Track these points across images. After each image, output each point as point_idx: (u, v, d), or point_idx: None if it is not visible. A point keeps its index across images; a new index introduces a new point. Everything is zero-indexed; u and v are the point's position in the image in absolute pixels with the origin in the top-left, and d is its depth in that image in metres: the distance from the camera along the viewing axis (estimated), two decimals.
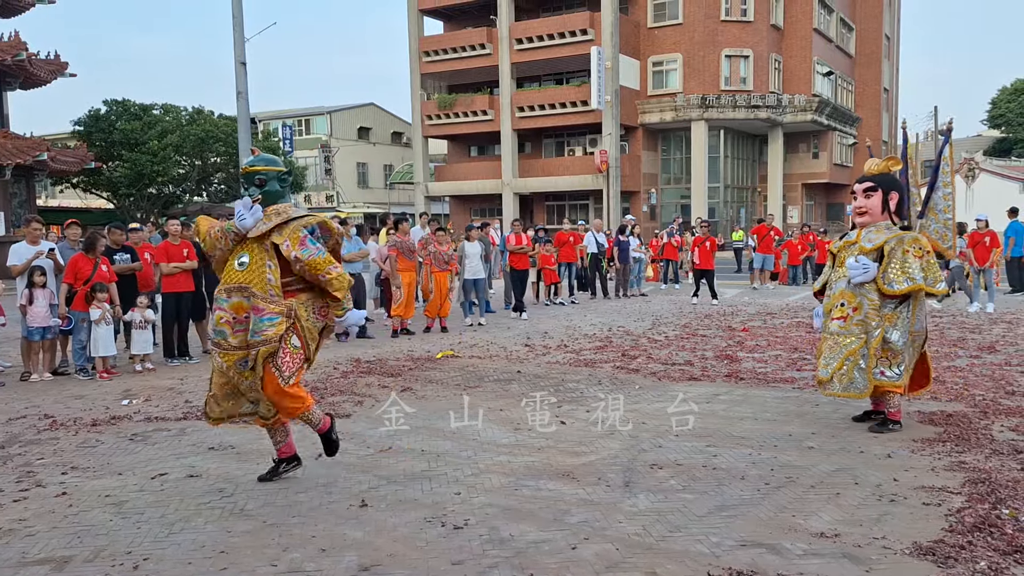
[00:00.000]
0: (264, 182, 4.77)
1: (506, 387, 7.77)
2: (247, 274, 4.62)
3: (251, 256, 4.64)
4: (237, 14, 17.51)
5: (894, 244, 5.69)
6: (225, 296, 4.64)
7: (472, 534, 4.04)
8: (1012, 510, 4.17)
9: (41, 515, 4.41)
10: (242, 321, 4.58)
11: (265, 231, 4.64)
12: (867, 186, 5.89)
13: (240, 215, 4.63)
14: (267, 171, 4.79)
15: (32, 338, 8.62)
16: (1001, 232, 17.75)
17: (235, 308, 4.60)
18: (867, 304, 5.75)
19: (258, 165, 4.82)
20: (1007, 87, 58.14)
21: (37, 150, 24.13)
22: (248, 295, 4.59)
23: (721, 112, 37.41)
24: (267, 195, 4.76)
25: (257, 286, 4.58)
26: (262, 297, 4.57)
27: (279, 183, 4.85)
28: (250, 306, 4.57)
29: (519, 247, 13.92)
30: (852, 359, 5.77)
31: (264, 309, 4.56)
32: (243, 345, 4.57)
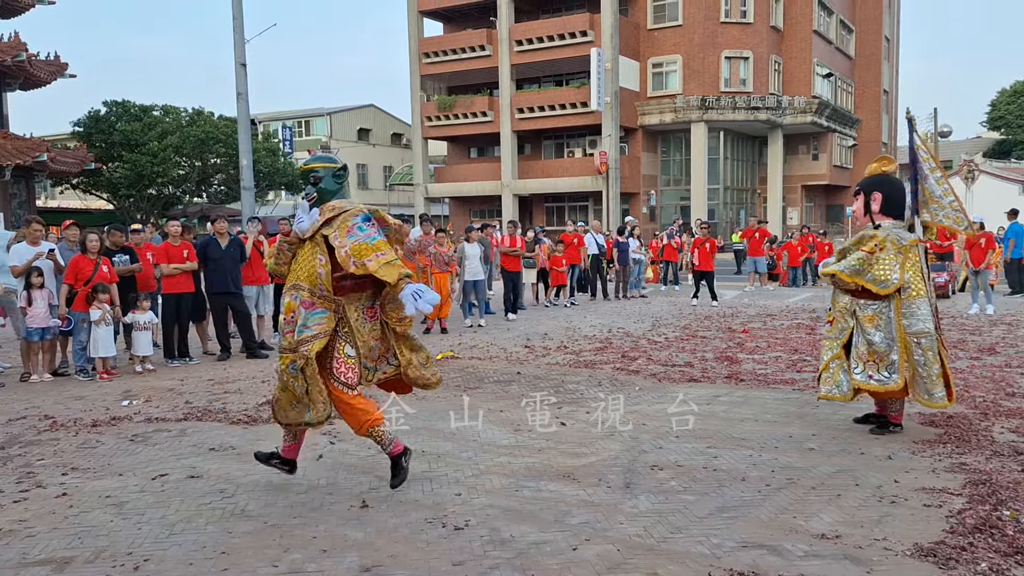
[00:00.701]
0: (319, 180, 4.72)
1: (506, 388, 7.77)
2: (297, 270, 4.62)
3: (302, 252, 4.64)
4: (237, 15, 17.53)
5: (855, 240, 5.92)
6: (285, 296, 4.66)
7: (473, 535, 4.04)
8: (1013, 511, 4.17)
9: (41, 516, 4.41)
10: (290, 322, 4.54)
11: (317, 226, 4.60)
12: (854, 191, 6.21)
13: (299, 219, 4.65)
14: (320, 168, 4.76)
15: (31, 339, 8.62)
16: (1001, 234, 17.80)
17: (287, 308, 4.58)
18: (836, 307, 6.00)
19: (314, 163, 4.80)
20: (1006, 89, 58.19)
21: (37, 151, 24.12)
22: (297, 290, 4.56)
23: (721, 114, 37.43)
24: (322, 192, 4.73)
25: (306, 280, 4.54)
26: (310, 291, 4.52)
27: (334, 180, 4.79)
28: (298, 303, 4.53)
29: (511, 249, 13.87)
30: (837, 361, 5.91)
31: (313, 304, 4.51)
32: (291, 347, 4.49)
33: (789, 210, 42.62)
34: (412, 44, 41.23)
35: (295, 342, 4.48)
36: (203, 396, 7.61)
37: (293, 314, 4.54)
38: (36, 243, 9.24)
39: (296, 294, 4.56)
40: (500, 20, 38.69)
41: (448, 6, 40.76)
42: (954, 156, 53.19)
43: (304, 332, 4.47)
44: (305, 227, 4.62)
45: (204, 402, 7.32)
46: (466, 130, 41.19)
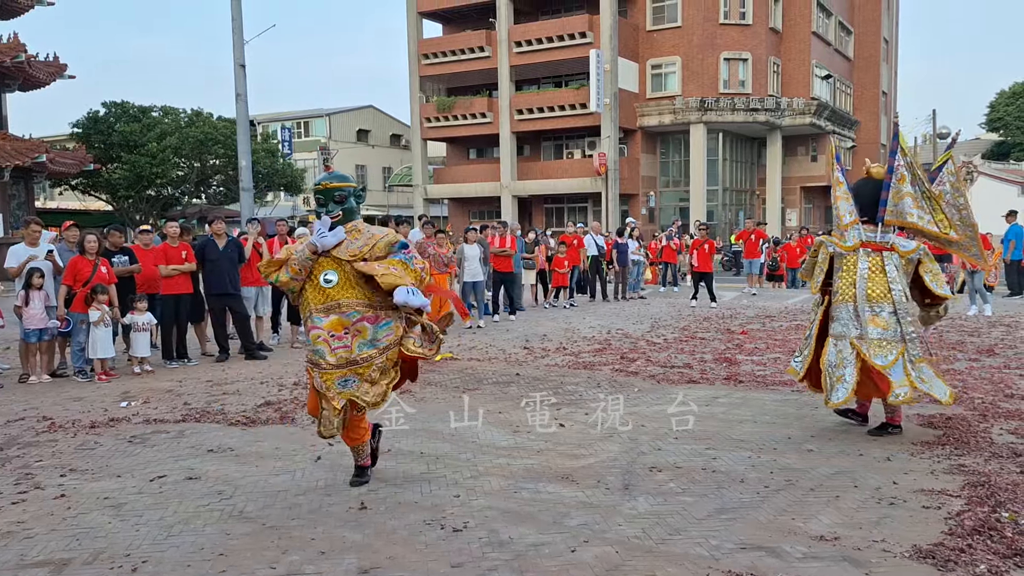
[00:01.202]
0: (344, 199, 4.71)
1: (505, 389, 7.76)
2: (341, 290, 4.58)
3: (339, 273, 4.60)
4: (236, 16, 17.54)
5: None
6: (323, 315, 4.59)
7: (471, 536, 4.03)
8: (1012, 513, 4.17)
9: (40, 517, 4.40)
10: (341, 338, 4.55)
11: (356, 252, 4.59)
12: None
13: (321, 233, 4.59)
14: (346, 187, 4.74)
15: (29, 340, 8.62)
16: (999, 236, 17.80)
17: (332, 326, 4.56)
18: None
19: (335, 182, 4.75)
20: (1005, 90, 58.20)
21: (36, 152, 24.13)
22: (352, 308, 4.56)
23: (720, 115, 37.44)
24: (347, 212, 4.73)
25: (359, 296, 4.58)
26: (368, 305, 4.58)
27: (355, 199, 4.80)
28: (355, 319, 4.55)
29: (501, 249, 13.76)
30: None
31: (379, 316, 4.59)
32: (344, 363, 4.53)
33: (788, 211, 42.63)
34: (411, 45, 41.22)
35: (356, 357, 4.53)
36: (201, 397, 7.60)
37: (347, 329, 4.54)
38: (35, 244, 9.24)
39: (353, 311, 4.56)
40: (499, 21, 38.69)
41: (447, 7, 40.75)
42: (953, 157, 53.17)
43: (374, 346, 4.57)
44: (330, 243, 4.59)
45: (202, 403, 7.31)
46: (465, 131, 41.18)
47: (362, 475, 4.94)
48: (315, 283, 4.63)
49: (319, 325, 4.58)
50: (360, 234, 4.70)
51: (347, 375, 4.53)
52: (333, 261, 4.62)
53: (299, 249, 4.72)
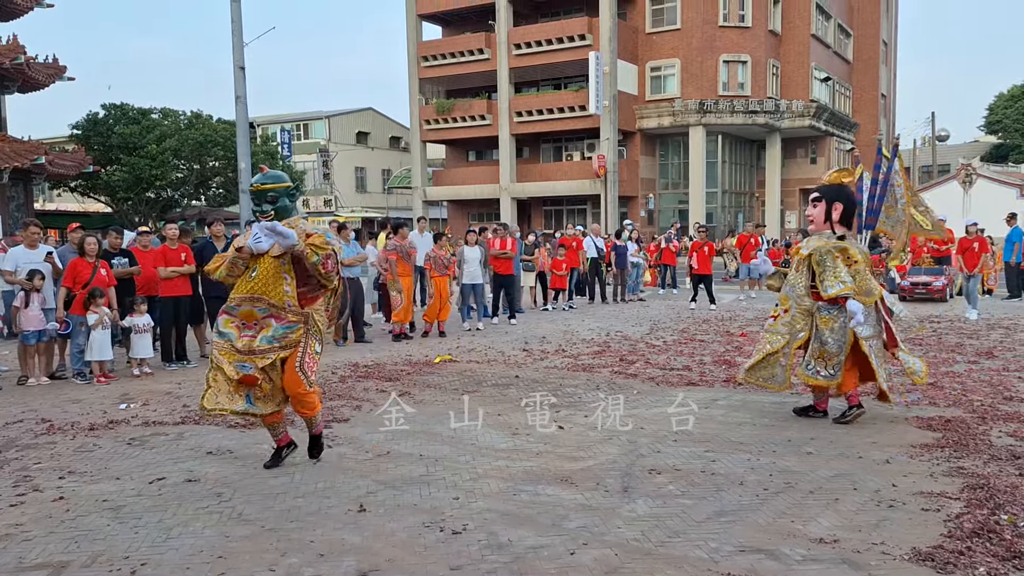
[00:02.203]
0: (276, 199, 5.08)
1: (504, 392, 7.76)
2: (260, 285, 4.98)
3: (261, 268, 4.99)
4: (236, 19, 17.54)
5: (823, 254, 6.17)
6: (236, 304, 5.03)
7: (470, 539, 4.03)
8: (1010, 516, 4.17)
9: (38, 520, 4.40)
10: (250, 327, 4.95)
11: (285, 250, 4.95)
12: (814, 196, 6.44)
13: (257, 238, 4.93)
14: (277, 188, 5.08)
15: (28, 341, 8.61)
16: (1001, 238, 17.82)
17: (245, 315, 4.99)
18: (795, 307, 6.29)
19: (268, 183, 5.09)
20: (1004, 93, 58.29)
21: (35, 154, 24.10)
22: (263, 304, 4.97)
23: (719, 117, 37.48)
24: (279, 211, 5.08)
25: (274, 297, 4.99)
26: (279, 307, 4.97)
27: (288, 198, 5.14)
28: (264, 315, 4.95)
29: (501, 252, 13.75)
30: (774, 356, 6.34)
31: (284, 318, 4.97)
32: (247, 350, 4.92)
33: (787, 214, 42.67)
34: (411, 47, 41.26)
35: (256, 348, 4.92)
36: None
37: (256, 321, 4.97)
38: (34, 246, 9.24)
39: (262, 307, 4.98)
40: (499, 23, 38.72)
41: (447, 9, 40.80)
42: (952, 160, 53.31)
43: (274, 343, 4.94)
44: (265, 248, 4.95)
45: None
46: (464, 133, 41.21)
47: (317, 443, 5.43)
48: (245, 275, 5.04)
49: (233, 312, 5.02)
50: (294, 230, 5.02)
51: (244, 361, 4.91)
52: (262, 258, 5.01)
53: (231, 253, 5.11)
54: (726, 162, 40.12)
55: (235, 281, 5.11)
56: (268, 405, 5.07)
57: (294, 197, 5.20)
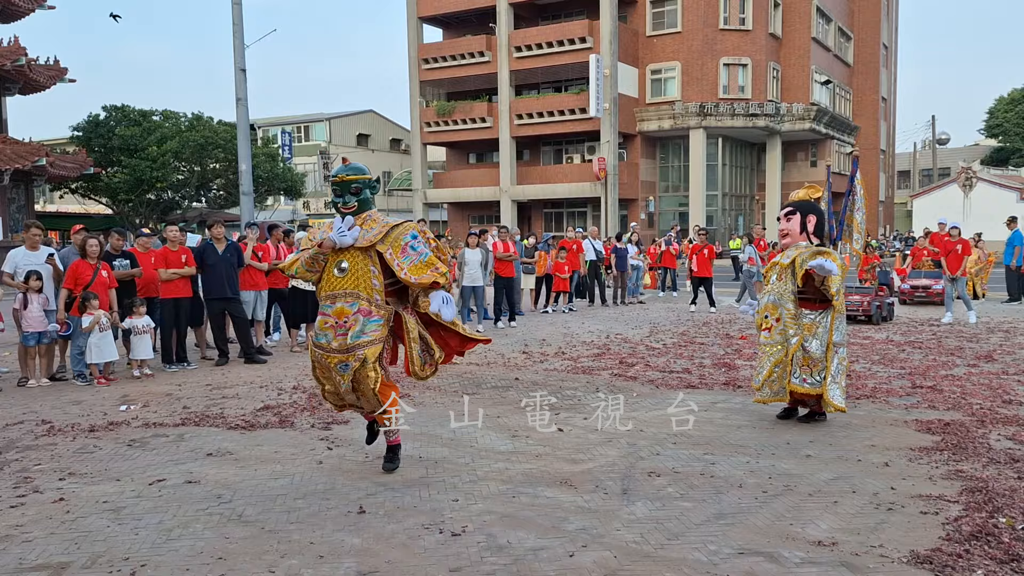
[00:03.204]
0: (360, 190, 5.04)
1: (504, 394, 7.77)
2: (351, 279, 4.92)
3: (351, 262, 4.93)
4: (237, 21, 17.58)
5: (806, 256, 6.23)
6: (329, 303, 4.95)
7: (470, 541, 4.04)
8: (1009, 519, 4.17)
9: (38, 521, 4.40)
10: (342, 326, 4.88)
11: (372, 240, 4.92)
12: (787, 211, 6.54)
13: (341, 232, 4.88)
14: (361, 179, 5.05)
15: (27, 343, 8.62)
16: (1000, 242, 17.84)
17: (338, 313, 4.91)
18: (785, 314, 6.36)
19: (352, 174, 5.05)
20: (1004, 97, 58.30)
21: (36, 155, 24.14)
22: (354, 299, 4.90)
23: (719, 120, 37.51)
24: (362, 203, 5.05)
25: (364, 290, 4.92)
26: (367, 299, 4.91)
27: (370, 191, 5.10)
28: (355, 310, 4.89)
29: (505, 254, 13.78)
30: (780, 366, 6.36)
31: (371, 312, 4.92)
32: (343, 349, 4.87)
33: None
34: (411, 50, 41.31)
35: (349, 345, 4.86)
36: (201, 401, 7.60)
37: (346, 319, 4.88)
38: (35, 248, 9.24)
39: (354, 302, 4.91)
40: (499, 26, 38.78)
41: (448, 12, 40.86)
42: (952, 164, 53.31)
43: (362, 337, 4.88)
44: (349, 242, 4.90)
45: (202, 407, 7.31)
46: (465, 136, 41.25)
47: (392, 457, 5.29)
48: (329, 271, 4.96)
49: (327, 312, 4.94)
50: (375, 223, 5.01)
51: (347, 360, 4.88)
52: (347, 251, 4.93)
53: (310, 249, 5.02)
54: (726, 165, 40.16)
55: (315, 277, 5.05)
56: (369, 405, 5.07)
57: (375, 190, 5.16)
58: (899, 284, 17.33)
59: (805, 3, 40.32)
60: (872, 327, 12.74)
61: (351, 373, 4.88)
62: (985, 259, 17.83)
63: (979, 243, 17.81)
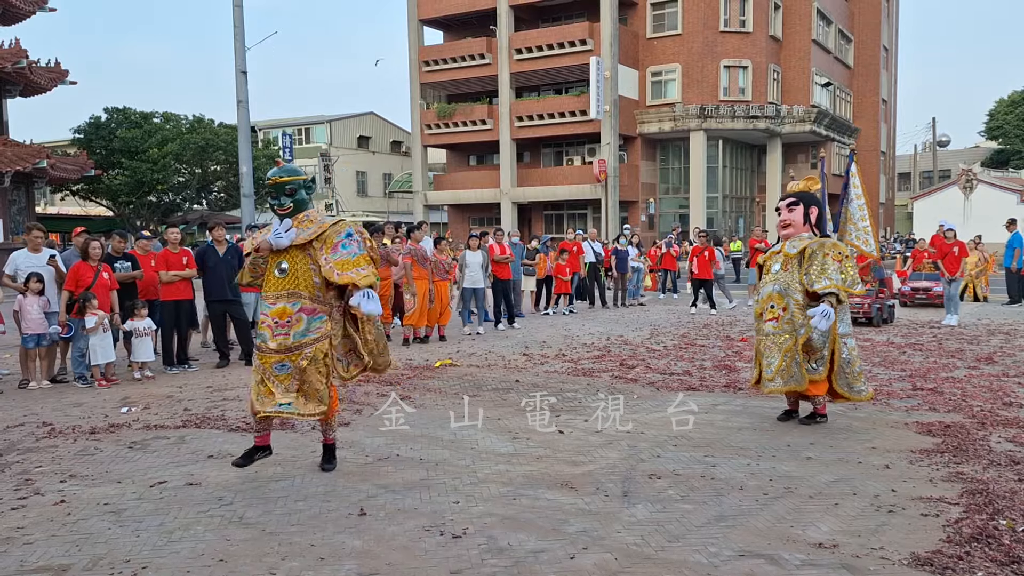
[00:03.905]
0: (294, 191, 5.12)
1: (504, 396, 7.77)
2: (291, 279, 4.98)
3: (291, 263, 5.00)
4: (238, 23, 17.61)
5: (815, 248, 6.24)
6: (271, 303, 5.01)
7: (471, 543, 4.04)
8: (1010, 521, 4.18)
9: (39, 523, 4.41)
10: (283, 325, 4.94)
11: (308, 239, 4.98)
12: (790, 201, 6.50)
13: (278, 234, 4.96)
14: (295, 180, 5.12)
15: (27, 345, 8.63)
16: (1000, 244, 17.83)
17: (278, 313, 4.97)
18: (793, 304, 6.29)
19: (285, 176, 5.12)
20: (1004, 99, 58.29)
21: (37, 157, 24.15)
22: (296, 298, 4.95)
23: (720, 122, 37.52)
24: (297, 204, 5.13)
25: (305, 289, 4.97)
26: (310, 298, 4.97)
27: (305, 191, 5.18)
28: (297, 309, 4.94)
29: (502, 256, 13.69)
30: (789, 355, 6.28)
31: (315, 309, 4.98)
32: (282, 348, 4.93)
33: None
34: (412, 52, 41.33)
35: (291, 344, 4.92)
36: (202, 403, 7.61)
37: (289, 319, 4.94)
38: (38, 250, 9.24)
39: (295, 301, 4.96)
40: (500, 28, 38.80)
41: (448, 15, 40.88)
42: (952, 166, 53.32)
43: (307, 336, 4.93)
44: (285, 244, 4.97)
45: (203, 409, 7.32)
46: (465, 138, 41.26)
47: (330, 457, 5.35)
48: (270, 273, 5.05)
49: (266, 312, 5.02)
50: (312, 222, 5.08)
51: (284, 360, 4.93)
52: (287, 252, 5.02)
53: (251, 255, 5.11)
54: (727, 167, 40.16)
55: (260, 282, 5.13)
56: (310, 407, 4.99)
57: (311, 190, 5.24)
58: (899, 286, 17.35)
59: (805, 5, 40.34)
60: (873, 329, 12.75)
61: (290, 374, 4.91)
62: (985, 261, 17.83)
63: (979, 245, 17.81)
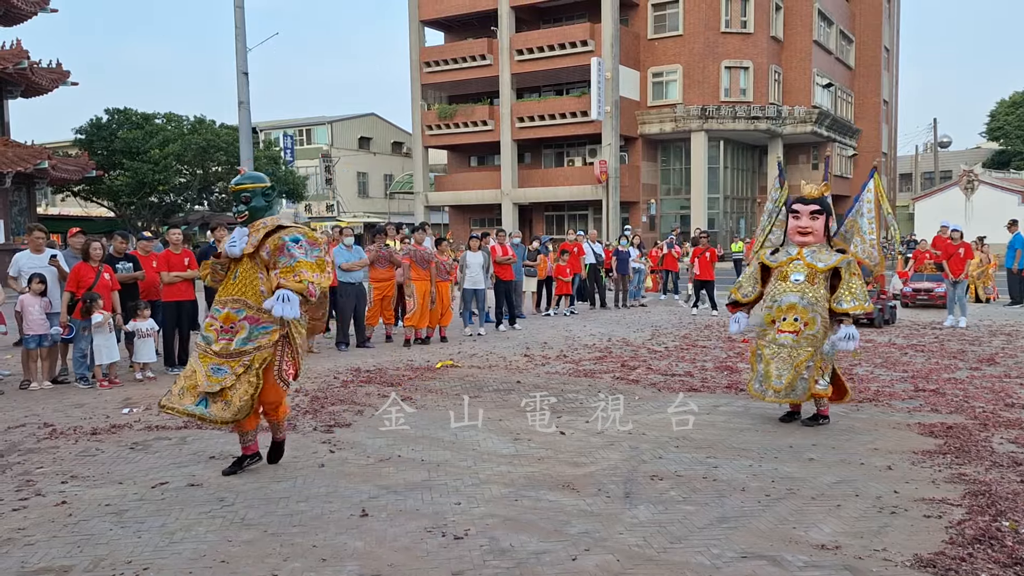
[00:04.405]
0: (249, 199, 5.16)
1: (505, 397, 7.76)
2: (240, 286, 5.05)
3: (242, 269, 5.07)
4: (240, 24, 17.61)
5: (844, 267, 6.32)
6: (220, 307, 5.09)
7: (472, 544, 4.04)
8: (1012, 522, 4.17)
9: (40, 524, 4.41)
10: (227, 331, 4.98)
11: (256, 245, 5.03)
12: (814, 209, 6.45)
13: (231, 242, 5.05)
14: (252, 188, 5.17)
15: (28, 346, 8.63)
16: (1001, 245, 17.82)
17: (225, 318, 5.03)
18: (820, 321, 6.31)
19: (244, 183, 5.19)
20: (1005, 100, 58.25)
21: (38, 158, 24.16)
22: (242, 306, 5.01)
23: (721, 123, 37.51)
24: (252, 211, 5.17)
25: (251, 297, 5.01)
26: (257, 308, 4.98)
27: (263, 198, 5.20)
28: (242, 316, 4.98)
29: (504, 257, 13.63)
30: (798, 370, 6.30)
31: (259, 319, 4.98)
32: (224, 353, 4.96)
33: None
34: (413, 53, 41.34)
35: (233, 350, 4.95)
36: None
37: (233, 324, 5.00)
38: (39, 251, 9.24)
39: (239, 308, 5.02)
40: (501, 29, 38.81)
41: (449, 16, 40.88)
42: (954, 166, 53.29)
43: (248, 344, 4.96)
44: (236, 253, 5.04)
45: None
46: (466, 139, 41.26)
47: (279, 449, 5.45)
48: (228, 278, 5.13)
49: (215, 316, 5.07)
50: (259, 231, 5.09)
51: (221, 364, 4.96)
52: (240, 260, 5.10)
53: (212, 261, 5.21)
54: (728, 168, 40.15)
55: (220, 285, 5.21)
56: (226, 413, 4.97)
57: (269, 197, 5.26)
58: (901, 287, 17.33)
59: (806, 6, 40.32)
60: (875, 330, 12.73)
61: (224, 378, 4.91)
62: (988, 263, 17.81)
63: (983, 247, 17.80)
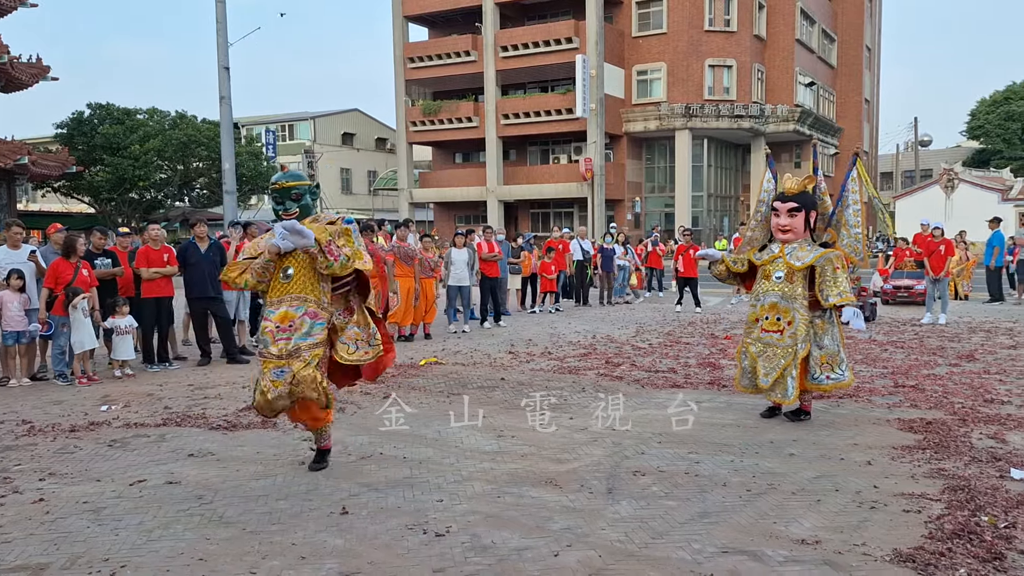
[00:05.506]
0: (300, 196, 5.06)
1: (489, 394, 7.75)
2: (298, 283, 4.92)
3: (296, 267, 4.92)
4: (221, 19, 17.50)
5: (823, 263, 6.25)
6: (274, 308, 4.94)
7: (454, 541, 4.02)
8: (991, 517, 4.20)
9: (17, 522, 4.36)
10: (285, 330, 4.86)
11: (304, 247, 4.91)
12: (792, 207, 6.43)
13: (283, 236, 4.84)
14: (301, 185, 5.06)
15: (7, 343, 8.53)
16: (981, 242, 17.99)
17: (281, 318, 4.89)
18: (799, 318, 6.28)
19: (291, 181, 5.06)
20: (986, 99, 58.75)
21: (18, 154, 23.88)
22: (301, 302, 4.89)
23: (705, 121, 37.65)
24: (303, 209, 5.06)
25: (311, 292, 4.94)
26: (316, 302, 4.93)
27: (311, 195, 5.13)
28: (302, 313, 4.88)
29: (490, 254, 13.64)
30: (787, 371, 6.26)
31: (318, 314, 4.93)
32: (283, 354, 4.83)
33: None
34: (397, 49, 41.20)
35: (291, 349, 4.83)
36: (182, 401, 7.55)
37: (292, 323, 4.85)
38: (17, 247, 9.15)
39: (299, 305, 4.90)
40: (485, 26, 38.75)
41: (433, 11, 40.79)
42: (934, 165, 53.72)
43: (308, 339, 4.87)
44: (290, 248, 4.88)
45: (184, 407, 7.26)
46: (451, 135, 41.20)
47: (322, 459, 5.32)
48: (276, 278, 4.98)
49: (269, 317, 4.94)
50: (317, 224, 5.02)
51: (283, 366, 4.83)
52: (292, 256, 4.94)
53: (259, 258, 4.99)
54: (712, 166, 40.32)
55: (264, 286, 5.02)
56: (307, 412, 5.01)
57: (316, 195, 5.19)
58: (881, 284, 17.45)
59: (789, 5, 40.54)
60: None
61: (286, 379, 4.81)
62: (967, 259, 17.96)
63: (963, 242, 17.93)
